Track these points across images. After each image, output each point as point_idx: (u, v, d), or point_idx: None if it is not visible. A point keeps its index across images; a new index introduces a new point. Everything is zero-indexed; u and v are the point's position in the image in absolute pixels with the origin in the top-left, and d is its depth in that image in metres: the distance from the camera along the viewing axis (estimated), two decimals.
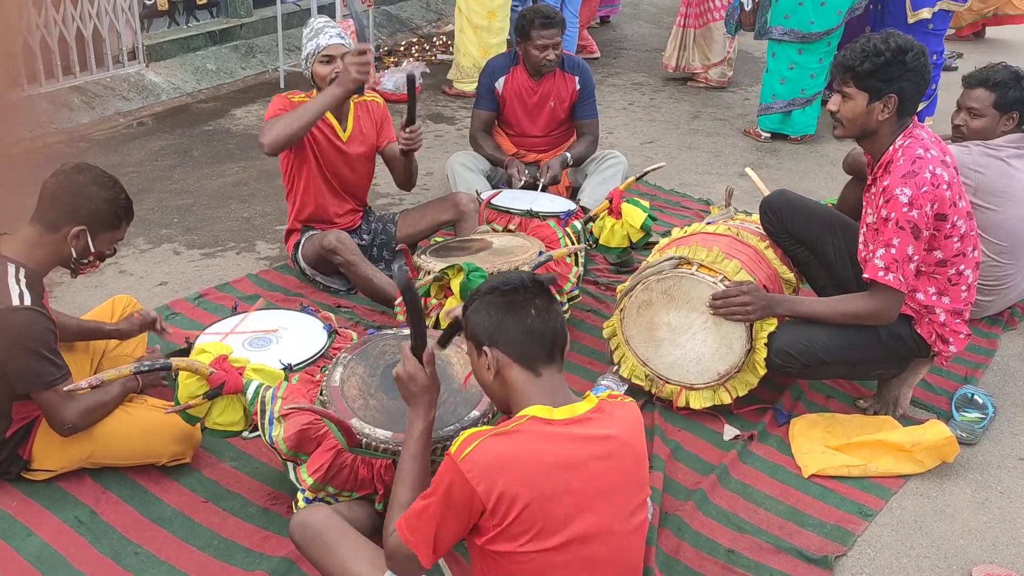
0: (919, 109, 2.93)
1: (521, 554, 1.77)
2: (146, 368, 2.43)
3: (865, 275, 2.80)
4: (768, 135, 5.99)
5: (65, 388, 2.44)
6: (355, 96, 3.72)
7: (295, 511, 2.31)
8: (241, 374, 2.46)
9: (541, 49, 4.30)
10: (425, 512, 1.81)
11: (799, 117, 5.91)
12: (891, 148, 2.82)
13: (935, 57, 5.79)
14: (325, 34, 3.58)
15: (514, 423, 1.83)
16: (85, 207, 2.45)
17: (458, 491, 1.75)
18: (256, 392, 2.40)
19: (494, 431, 1.80)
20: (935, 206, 2.75)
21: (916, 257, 2.76)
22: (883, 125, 2.81)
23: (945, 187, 2.76)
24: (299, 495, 2.34)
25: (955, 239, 2.84)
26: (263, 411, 2.36)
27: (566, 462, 1.79)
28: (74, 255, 2.49)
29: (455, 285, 2.93)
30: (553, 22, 4.27)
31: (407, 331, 2.66)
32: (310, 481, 2.27)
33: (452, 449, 1.78)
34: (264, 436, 2.36)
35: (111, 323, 2.95)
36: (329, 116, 3.69)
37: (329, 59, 3.59)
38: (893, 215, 2.73)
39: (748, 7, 6.08)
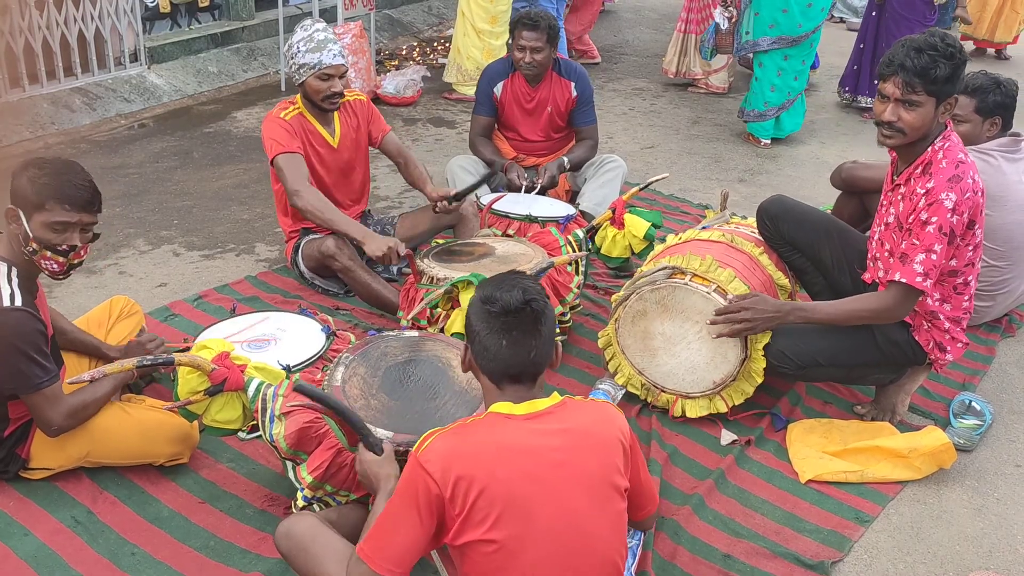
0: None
1: (485, 543, 1.76)
2: (148, 363, 2.43)
3: (900, 278, 2.70)
4: (768, 142, 6.03)
5: (67, 381, 2.44)
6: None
7: (293, 510, 2.32)
8: (242, 372, 2.46)
9: (519, 50, 4.31)
10: (384, 516, 1.85)
11: (786, 119, 6.04)
12: (929, 149, 2.74)
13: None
14: (328, 51, 3.55)
15: (472, 419, 1.89)
16: (14, 186, 2.37)
17: (416, 481, 1.78)
18: (257, 390, 2.40)
19: (452, 426, 1.87)
20: (970, 213, 2.71)
21: (942, 262, 2.72)
22: (938, 127, 2.72)
23: (980, 194, 2.72)
24: (298, 494, 2.34)
25: (970, 248, 2.81)
26: (264, 409, 2.36)
27: (522, 450, 1.81)
28: (21, 242, 2.40)
29: (464, 299, 2.91)
30: (536, 26, 4.24)
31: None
32: (309, 479, 2.27)
33: (414, 448, 1.84)
34: (264, 434, 2.35)
35: (108, 344, 2.94)
36: (317, 125, 3.71)
37: (328, 77, 3.58)
38: (935, 219, 2.65)
39: (725, 27, 6.11)
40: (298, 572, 2.12)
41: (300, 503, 2.32)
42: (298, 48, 3.57)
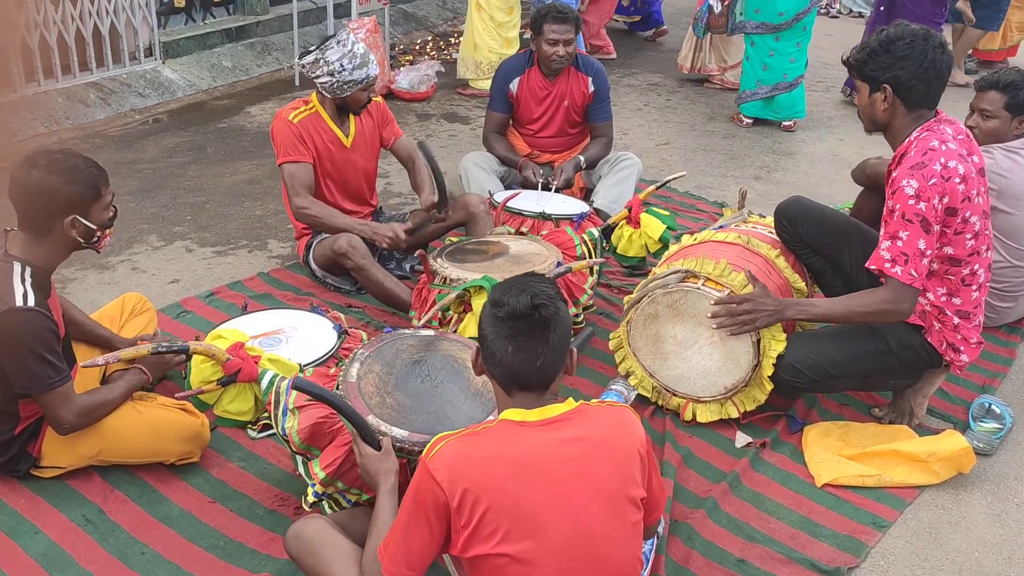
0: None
1: (496, 557, 1.74)
2: (164, 349, 2.44)
3: (870, 265, 2.73)
4: (751, 120, 6.17)
5: (81, 365, 2.47)
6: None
7: (304, 506, 2.30)
8: (256, 363, 2.45)
9: (551, 44, 4.29)
10: (398, 521, 1.83)
11: (784, 101, 6.08)
12: (907, 141, 2.77)
13: None
14: (372, 64, 3.62)
15: (483, 425, 1.84)
16: (57, 200, 2.37)
17: (424, 489, 1.76)
18: (271, 382, 2.39)
19: (462, 432, 1.82)
20: (944, 199, 2.67)
21: (929, 252, 2.68)
22: (892, 117, 2.77)
23: (958, 180, 2.67)
24: (308, 490, 2.32)
25: (968, 236, 2.76)
26: (277, 402, 2.34)
27: (533, 461, 1.77)
28: (82, 241, 2.46)
29: (476, 303, 2.88)
30: (566, 18, 4.26)
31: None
32: (322, 475, 2.25)
33: (423, 452, 1.80)
34: (276, 427, 2.33)
35: (120, 336, 2.95)
36: (331, 124, 3.72)
37: (370, 86, 3.68)
38: (898, 207, 2.67)
39: (718, 10, 6.22)
40: (307, 575, 2.11)
41: (311, 498, 2.30)
42: (343, 66, 3.55)
